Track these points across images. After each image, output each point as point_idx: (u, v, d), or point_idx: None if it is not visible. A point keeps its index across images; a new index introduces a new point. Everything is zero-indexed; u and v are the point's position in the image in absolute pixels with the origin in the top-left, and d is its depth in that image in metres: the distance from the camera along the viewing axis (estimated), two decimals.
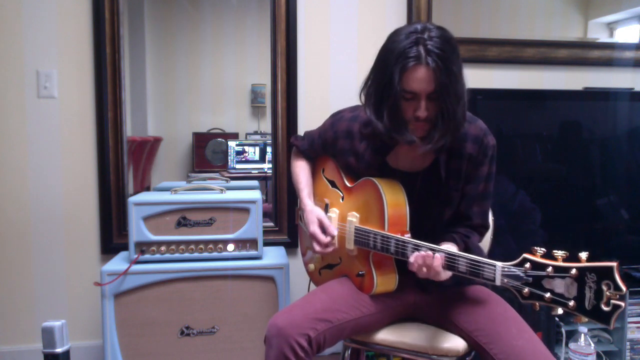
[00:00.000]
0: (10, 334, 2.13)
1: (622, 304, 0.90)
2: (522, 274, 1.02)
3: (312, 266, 1.59)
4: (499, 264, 1.06)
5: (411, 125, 1.24)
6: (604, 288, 0.91)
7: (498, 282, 1.06)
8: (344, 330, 1.30)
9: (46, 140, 2.09)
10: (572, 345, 1.87)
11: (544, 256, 1.01)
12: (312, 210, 1.46)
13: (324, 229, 1.41)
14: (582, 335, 1.85)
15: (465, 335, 1.29)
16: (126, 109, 2.13)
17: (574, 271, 0.95)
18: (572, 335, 1.92)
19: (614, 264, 0.91)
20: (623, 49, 2.39)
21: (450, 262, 1.15)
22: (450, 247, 1.23)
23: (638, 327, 2.13)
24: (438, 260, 1.16)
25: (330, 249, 1.42)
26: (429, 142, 1.23)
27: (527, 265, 1.01)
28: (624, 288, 0.89)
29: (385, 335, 1.36)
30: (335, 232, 1.41)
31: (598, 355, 2.05)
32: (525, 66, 2.33)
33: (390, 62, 1.19)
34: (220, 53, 2.36)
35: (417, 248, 1.21)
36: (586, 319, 0.94)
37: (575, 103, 2.26)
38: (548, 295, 0.98)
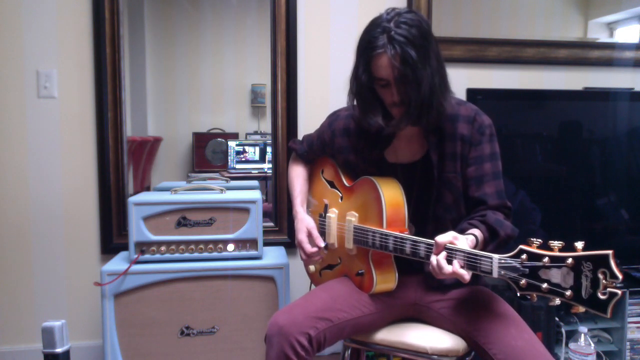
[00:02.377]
0: (10, 334, 2.13)
1: (619, 291, 0.90)
2: (518, 265, 1.02)
3: (312, 267, 1.60)
4: (495, 255, 1.06)
5: (393, 111, 1.29)
6: (600, 276, 0.91)
7: (495, 274, 1.05)
8: (344, 329, 1.30)
9: (46, 140, 2.09)
10: (572, 345, 1.87)
11: (540, 247, 1.01)
12: (302, 219, 1.48)
13: (312, 239, 1.43)
14: (582, 335, 1.85)
15: (465, 335, 1.29)
16: (126, 109, 2.13)
17: (569, 260, 0.95)
18: (572, 335, 1.92)
19: (610, 252, 0.91)
20: (623, 49, 2.39)
21: (448, 256, 1.14)
22: (473, 233, 1.21)
23: (638, 327, 2.13)
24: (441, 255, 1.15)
25: (317, 259, 1.45)
26: (398, 124, 1.28)
27: (524, 256, 1.01)
28: (619, 275, 0.89)
29: (385, 335, 1.36)
30: (322, 244, 1.43)
31: (598, 355, 2.05)
32: (525, 66, 2.33)
33: (360, 52, 1.27)
34: (220, 53, 2.36)
35: (415, 244, 1.21)
36: (584, 309, 0.94)
37: (575, 103, 2.26)
38: (545, 285, 0.98)
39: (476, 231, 1.23)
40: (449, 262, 1.13)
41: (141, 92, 2.28)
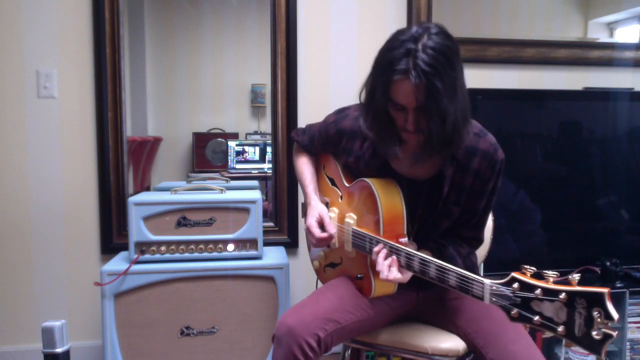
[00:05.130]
0: (10, 334, 2.13)
1: (614, 333, 0.84)
2: (510, 294, 0.96)
3: (316, 263, 1.59)
4: (487, 281, 1.02)
5: (404, 135, 1.21)
6: (595, 315, 0.85)
7: (487, 301, 1.02)
8: (351, 331, 1.30)
9: (46, 140, 2.09)
10: None
11: (533, 276, 0.95)
12: (315, 206, 1.44)
13: (322, 225, 1.40)
14: None
15: (464, 336, 1.29)
16: (126, 109, 2.13)
17: (562, 295, 0.89)
18: None
19: (605, 290, 0.84)
20: (623, 49, 2.39)
21: (440, 274, 1.12)
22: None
23: (638, 327, 2.13)
24: (389, 260, 1.20)
25: (324, 245, 1.42)
26: (415, 157, 1.23)
27: (515, 285, 0.96)
28: (615, 316, 0.83)
29: (386, 336, 1.36)
30: (332, 231, 1.39)
31: None
32: (525, 66, 2.33)
33: (379, 71, 1.16)
34: (220, 53, 2.36)
35: (409, 257, 1.18)
36: (577, 345, 0.89)
37: (575, 103, 2.26)
38: (537, 318, 0.93)
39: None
40: (442, 280, 1.11)
41: (141, 92, 2.28)
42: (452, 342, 1.30)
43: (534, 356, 1.16)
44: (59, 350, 1.59)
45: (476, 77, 2.27)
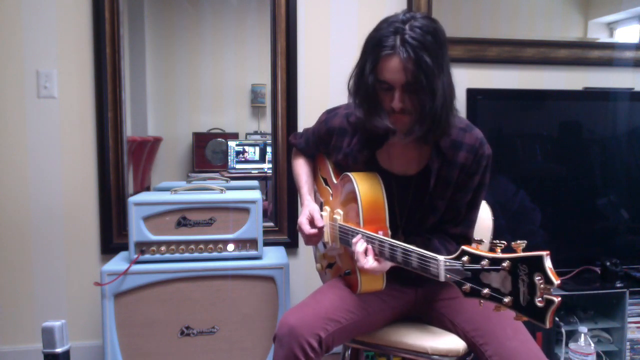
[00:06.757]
0: (10, 334, 2.13)
1: (556, 299, 0.80)
2: (461, 268, 0.94)
3: (318, 265, 1.59)
4: (441, 257, 1.00)
5: (391, 117, 1.21)
6: (537, 281, 0.80)
7: (442, 278, 0.99)
8: (352, 330, 1.30)
9: (46, 140, 2.09)
10: (572, 345, 1.88)
11: (484, 248, 0.94)
12: (307, 205, 1.45)
13: (313, 222, 1.40)
14: (582, 335, 1.85)
15: (463, 335, 1.29)
16: (126, 109, 2.13)
17: (506, 263, 0.86)
18: (572, 335, 1.92)
19: (543, 253, 0.81)
20: (623, 49, 2.39)
21: (405, 257, 1.10)
22: None
23: (638, 327, 2.13)
24: (364, 248, 1.18)
25: (317, 242, 1.43)
26: (408, 134, 1.23)
27: (465, 258, 0.93)
28: (554, 280, 0.79)
29: (386, 335, 1.36)
30: (321, 224, 1.39)
31: (598, 355, 2.05)
32: (525, 66, 2.33)
33: (367, 50, 1.19)
34: (220, 53, 2.36)
35: (382, 243, 1.17)
36: (526, 318, 0.85)
37: (575, 103, 2.26)
38: (486, 291, 0.89)
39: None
40: (407, 263, 1.10)
41: (141, 92, 2.28)
42: (452, 342, 1.30)
43: (532, 351, 1.16)
44: (59, 350, 1.60)
45: (476, 77, 2.27)
